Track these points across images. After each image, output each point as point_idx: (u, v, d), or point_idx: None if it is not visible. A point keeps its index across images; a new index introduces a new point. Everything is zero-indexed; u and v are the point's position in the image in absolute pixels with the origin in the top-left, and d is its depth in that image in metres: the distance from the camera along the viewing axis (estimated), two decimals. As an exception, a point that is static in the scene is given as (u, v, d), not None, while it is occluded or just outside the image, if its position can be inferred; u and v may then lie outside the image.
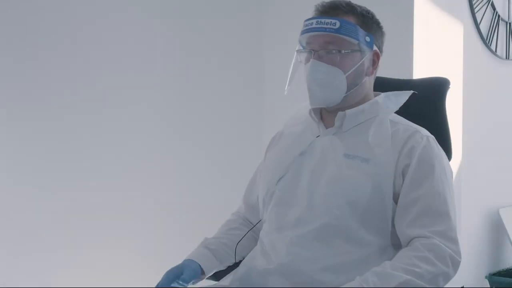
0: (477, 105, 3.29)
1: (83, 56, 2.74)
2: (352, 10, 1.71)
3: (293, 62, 1.80)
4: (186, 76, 3.09)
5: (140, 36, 2.92)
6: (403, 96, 1.77)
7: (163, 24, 3.00)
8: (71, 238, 2.70)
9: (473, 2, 3.24)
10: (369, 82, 1.75)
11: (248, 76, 3.35)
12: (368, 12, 1.75)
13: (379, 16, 2.93)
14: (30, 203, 2.60)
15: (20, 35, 2.57)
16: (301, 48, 1.76)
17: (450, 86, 1.91)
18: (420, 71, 2.85)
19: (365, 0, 3.21)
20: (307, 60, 1.72)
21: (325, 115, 1.78)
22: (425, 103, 1.88)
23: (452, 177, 1.68)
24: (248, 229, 1.87)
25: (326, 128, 1.75)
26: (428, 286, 1.50)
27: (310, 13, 1.78)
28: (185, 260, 1.80)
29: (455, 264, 1.56)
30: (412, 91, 1.77)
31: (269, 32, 3.39)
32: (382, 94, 1.77)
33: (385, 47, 1.89)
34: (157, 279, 1.82)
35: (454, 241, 1.57)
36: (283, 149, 1.81)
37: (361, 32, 1.69)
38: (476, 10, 3.26)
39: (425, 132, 1.69)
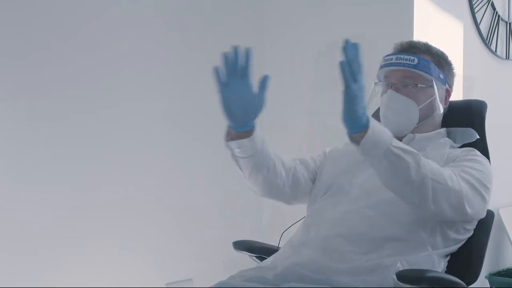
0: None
1: (84, 56, 2.74)
2: (429, 50, 1.89)
3: (369, 94, 1.95)
4: (186, 76, 3.08)
5: (140, 36, 2.92)
6: (468, 135, 1.90)
7: (163, 23, 3.01)
8: (71, 238, 2.70)
9: (473, 2, 3.24)
10: (438, 116, 1.90)
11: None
12: (442, 53, 1.92)
13: (379, 16, 2.94)
14: (31, 203, 2.60)
15: (20, 33, 2.57)
16: (379, 81, 1.91)
17: (487, 108, 2.01)
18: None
19: (366, 0, 3.21)
20: (384, 92, 1.88)
21: None
22: (465, 126, 1.96)
23: (490, 186, 1.77)
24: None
25: None
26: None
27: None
28: None
29: (464, 208, 1.64)
30: (477, 136, 1.90)
31: (269, 32, 3.39)
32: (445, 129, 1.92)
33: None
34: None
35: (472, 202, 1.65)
36: (347, 155, 1.92)
37: (436, 70, 1.85)
38: (476, 10, 3.26)
39: None
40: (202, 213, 3.09)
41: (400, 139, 1.86)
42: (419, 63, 1.83)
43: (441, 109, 1.87)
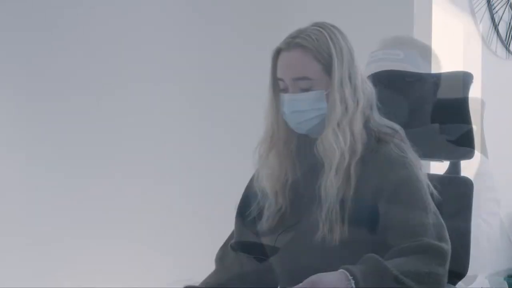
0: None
1: (90, 56, 2.74)
2: (414, 43, 1.92)
3: None
4: (187, 76, 3.09)
5: (143, 35, 2.93)
6: (459, 130, 1.86)
7: (166, 23, 3.01)
8: (70, 238, 2.71)
9: (473, 2, 3.24)
10: (428, 109, 1.86)
11: (249, 76, 3.34)
12: (428, 46, 1.95)
13: (379, 15, 2.93)
14: (30, 202, 2.60)
15: (23, 30, 2.57)
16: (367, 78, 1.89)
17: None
18: (420, 71, 2.86)
19: (366, 0, 3.20)
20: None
21: None
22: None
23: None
24: None
25: None
26: None
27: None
28: None
29: None
30: (468, 127, 1.87)
31: (270, 32, 3.39)
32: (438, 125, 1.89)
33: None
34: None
35: None
36: None
37: (422, 63, 1.86)
38: (476, 10, 3.26)
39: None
40: (202, 213, 3.09)
41: None
42: (406, 57, 1.83)
43: (430, 102, 1.86)
